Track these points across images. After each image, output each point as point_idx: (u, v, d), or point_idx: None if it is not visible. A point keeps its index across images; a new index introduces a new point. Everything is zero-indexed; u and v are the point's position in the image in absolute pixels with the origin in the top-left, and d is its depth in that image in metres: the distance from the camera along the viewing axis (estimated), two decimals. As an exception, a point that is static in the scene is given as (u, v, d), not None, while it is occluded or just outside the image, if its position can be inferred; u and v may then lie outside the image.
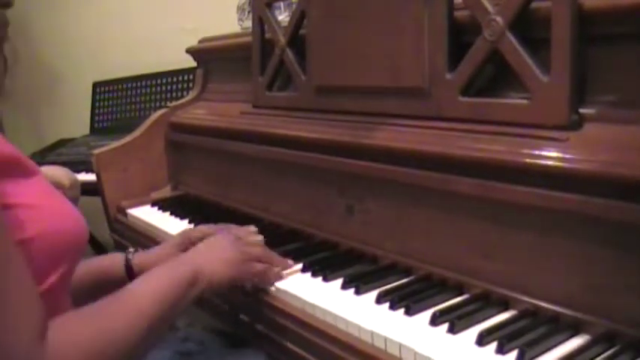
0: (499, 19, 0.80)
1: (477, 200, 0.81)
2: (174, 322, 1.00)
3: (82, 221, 0.75)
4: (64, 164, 1.31)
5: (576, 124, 0.74)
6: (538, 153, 0.74)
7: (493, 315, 0.78)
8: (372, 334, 0.76)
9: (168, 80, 2.21)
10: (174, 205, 1.41)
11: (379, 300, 0.83)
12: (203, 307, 1.05)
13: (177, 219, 1.32)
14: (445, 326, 0.75)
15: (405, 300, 0.82)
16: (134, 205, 1.46)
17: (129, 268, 0.97)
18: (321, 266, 0.96)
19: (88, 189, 1.40)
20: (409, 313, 0.79)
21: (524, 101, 0.80)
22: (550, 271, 0.76)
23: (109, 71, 2.43)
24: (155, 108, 1.97)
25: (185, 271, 0.81)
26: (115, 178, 1.49)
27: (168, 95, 2.19)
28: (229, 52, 1.48)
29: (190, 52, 1.60)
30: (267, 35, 1.26)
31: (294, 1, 1.29)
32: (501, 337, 0.70)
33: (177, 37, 1.88)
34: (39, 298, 0.62)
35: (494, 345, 0.69)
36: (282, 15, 1.34)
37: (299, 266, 0.98)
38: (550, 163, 0.72)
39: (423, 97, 0.92)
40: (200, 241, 0.94)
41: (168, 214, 1.37)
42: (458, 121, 0.87)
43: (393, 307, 0.81)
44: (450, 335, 0.74)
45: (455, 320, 0.75)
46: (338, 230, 1.06)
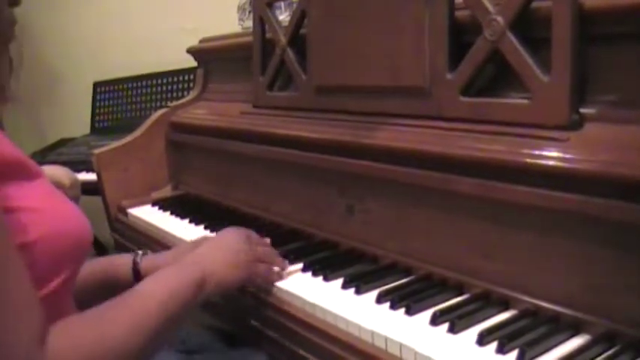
0: (500, 18, 0.80)
1: (478, 200, 0.81)
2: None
3: (86, 224, 0.74)
4: (64, 164, 1.31)
5: (577, 124, 0.74)
6: (538, 153, 0.74)
7: (493, 315, 0.78)
8: (372, 333, 0.76)
9: (168, 80, 2.22)
10: (174, 205, 1.41)
11: (379, 300, 0.84)
12: (203, 307, 1.05)
13: (178, 219, 1.32)
14: (445, 326, 0.75)
15: (406, 300, 0.82)
16: (135, 205, 1.46)
17: (136, 271, 0.95)
18: (322, 266, 0.96)
19: (88, 189, 1.40)
20: (409, 312, 0.79)
21: (524, 101, 0.80)
22: (550, 271, 0.76)
23: (109, 71, 2.43)
24: (156, 108, 1.97)
25: (194, 275, 0.80)
26: (116, 177, 1.49)
27: (168, 95, 2.20)
28: (230, 52, 1.48)
29: (191, 51, 1.60)
30: (268, 35, 1.26)
31: (294, 1, 1.29)
32: (502, 337, 0.70)
33: (177, 36, 1.88)
34: (38, 302, 0.61)
35: (494, 345, 0.69)
36: (283, 15, 1.34)
37: (299, 266, 0.98)
38: (550, 163, 0.72)
39: (423, 96, 0.92)
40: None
41: (168, 213, 1.37)
42: (458, 121, 0.87)
43: (393, 306, 0.81)
44: (451, 335, 0.74)
45: (455, 320, 0.75)
46: (338, 230, 1.06)
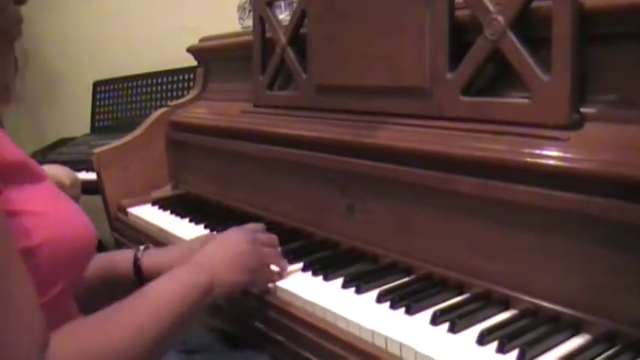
0: (500, 18, 0.80)
1: (478, 200, 0.81)
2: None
3: (90, 227, 0.73)
4: (64, 163, 1.31)
5: (577, 123, 0.74)
6: (539, 152, 0.74)
7: (494, 314, 0.78)
8: (372, 333, 0.76)
9: (168, 79, 2.21)
10: (174, 204, 1.41)
11: (380, 299, 0.83)
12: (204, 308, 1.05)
13: (178, 218, 1.32)
14: (446, 325, 0.75)
15: (406, 299, 0.82)
16: (135, 204, 1.46)
17: (137, 266, 0.95)
18: (322, 265, 0.96)
19: (88, 188, 1.40)
20: (410, 312, 0.79)
21: (525, 100, 0.80)
22: (551, 271, 0.76)
23: (109, 70, 2.43)
24: (156, 107, 1.98)
25: (202, 279, 0.79)
26: (116, 177, 1.49)
27: (168, 94, 2.19)
28: (230, 51, 1.48)
29: (191, 51, 1.60)
30: (268, 34, 1.26)
31: (294, 1, 1.29)
32: (502, 337, 0.70)
33: (177, 36, 1.88)
34: (39, 307, 0.60)
35: (494, 344, 0.69)
36: (283, 14, 1.34)
37: (299, 265, 0.98)
38: (551, 162, 0.72)
39: (424, 96, 0.92)
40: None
41: (168, 213, 1.37)
42: (459, 121, 0.87)
43: (393, 306, 0.81)
44: (451, 334, 0.74)
45: (455, 319, 0.75)
46: (339, 229, 1.06)
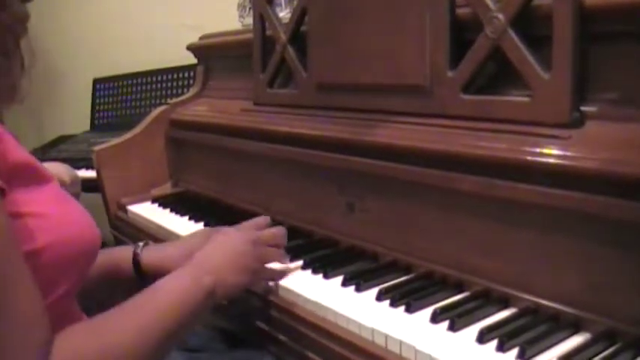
0: (501, 16, 0.80)
1: (478, 198, 0.81)
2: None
3: (94, 228, 0.73)
4: (64, 161, 1.31)
5: (578, 121, 0.74)
6: (539, 151, 0.74)
7: (494, 313, 0.78)
8: (372, 331, 0.76)
9: (168, 77, 2.21)
10: (174, 202, 1.41)
11: (380, 297, 0.83)
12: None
13: (178, 216, 1.32)
14: (446, 324, 0.75)
15: (406, 297, 0.82)
16: (134, 202, 1.46)
17: (137, 263, 0.95)
18: (322, 263, 0.96)
19: (88, 185, 1.40)
20: (410, 310, 0.79)
21: (525, 99, 0.80)
22: (550, 269, 0.76)
23: (109, 68, 2.43)
24: (155, 105, 1.97)
25: (205, 284, 0.78)
26: (116, 174, 1.49)
27: (168, 92, 2.19)
28: (230, 49, 1.47)
29: (191, 49, 1.60)
30: (268, 32, 1.26)
31: (295, -2, 1.29)
32: (502, 335, 0.70)
33: (177, 33, 1.88)
34: (45, 311, 0.60)
35: (494, 343, 0.69)
36: (283, 12, 1.34)
37: (299, 263, 0.98)
38: (551, 160, 0.72)
39: (424, 94, 0.92)
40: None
41: (168, 210, 1.37)
42: (459, 119, 0.87)
43: (393, 304, 0.81)
44: (451, 333, 0.74)
45: (455, 318, 0.75)
46: (339, 228, 1.06)
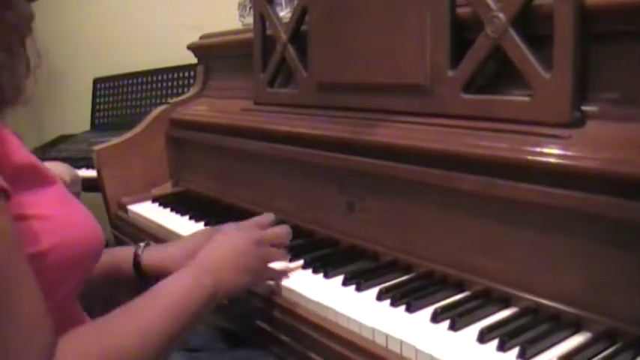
0: (501, 15, 0.80)
1: (479, 197, 0.81)
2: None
3: (97, 229, 0.73)
4: (64, 160, 1.31)
5: (578, 121, 0.74)
6: (540, 150, 0.74)
7: (494, 312, 0.78)
8: (373, 330, 0.76)
9: (169, 77, 2.21)
10: (174, 202, 1.41)
11: (380, 297, 0.83)
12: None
13: (178, 215, 1.32)
14: (446, 323, 0.75)
15: (407, 297, 0.82)
16: (135, 202, 1.46)
17: (137, 263, 0.95)
18: (322, 263, 0.95)
19: (88, 185, 1.40)
20: (410, 310, 0.79)
21: (526, 98, 0.79)
22: (551, 269, 0.76)
23: (109, 67, 2.43)
24: (156, 104, 1.97)
25: (207, 287, 0.77)
26: (116, 174, 1.49)
27: (169, 92, 2.19)
28: (230, 48, 1.47)
29: (191, 48, 1.60)
30: (269, 32, 1.26)
31: (295, -2, 1.29)
32: (502, 335, 0.70)
33: (178, 33, 1.88)
34: (48, 314, 0.60)
35: (495, 342, 0.69)
36: (284, 11, 1.34)
37: (300, 263, 0.98)
38: (552, 160, 0.72)
39: (425, 94, 0.92)
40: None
41: (168, 210, 1.37)
42: (460, 118, 0.87)
43: (394, 303, 0.81)
44: (451, 332, 0.74)
45: (456, 317, 0.75)
46: (339, 227, 1.06)
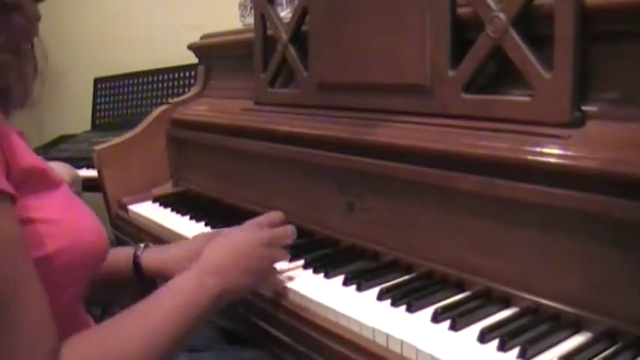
0: (502, 15, 0.80)
1: (479, 197, 0.81)
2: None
3: (102, 231, 0.73)
4: (65, 160, 1.31)
5: (579, 121, 0.74)
6: (540, 150, 0.74)
7: (495, 312, 0.78)
8: (373, 330, 0.76)
9: (169, 77, 2.22)
10: (175, 202, 1.41)
11: (381, 297, 0.83)
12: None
13: (179, 215, 1.32)
14: (447, 323, 0.75)
15: (407, 297, 0.82)
16: (135, 202, 1.46)
17: (137, 265, 0.95)
18: (323, 263, 0.96)
19: (89, 185, 1.40)
20: (411, 310, 0.79)
21: (526, 98, 0.80)
22: (551, 269, 0.76)
23: (110, 67, 2.43)
24: (156, 104, 1.97)
25: (213, 289, 0.77)
26: (116, 174, 1.49)
27: (169, 92, 2.20)
28: (231, 48, 1.47)
29: (192, 48, 1.60)
30: (269, 32, 1.26)
31: (296, -2, 1.29)
32: (503, 335, 0.70)
33: (178, 33, 1.88)
34: (52, 319, 0.60)
35: (495, 342, 0.69)
36: (284, 11, 1.34)
37: (300, 263, 0.98)
38: (552, 160, 0.72)
39: (425, 94, 0.92)
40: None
41: (169, 210, 1.37)
42: (460, 118, 0.87)
43: (394, 303, 0.81)
44: (452, 332, 0.74)
45: (456, 317, 0.75)
46: (339, 227, 1.06)
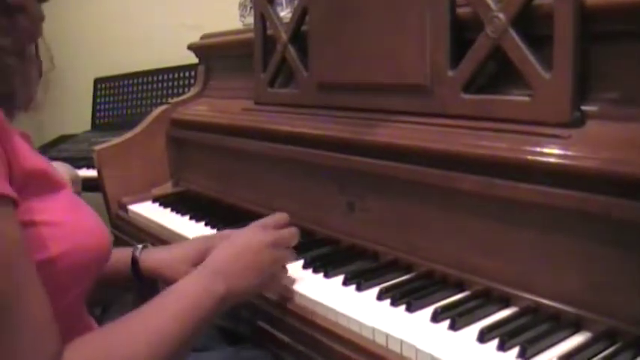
0: (501, 15, 0.80)
1: (479, 197, 0.81)
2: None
3: (105, 234, 0.73)
4: (65, 160, 1.31)
5: (578, 121, 0.74)
6: (540, 150, 0.74)
7: (494, 312, 0.78)
8: (373, 330, 0.76)
9: (169, 77, 2.22)
10: (175, 202, 1.41)
11: (380, 296, 0.83)
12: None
13: (179, 215, 1.32)
14: (446, 323, 0.75)
15: (407, 297, 0.82)
16: (135, 201, 1.46)
17: (135, 266, 0.95)
18: (323, 263, 0.96)
19: (89, 185, 1.40)
20: (410, 309, 0.79)
21: (526, 98, 0.80)
22: (551, 269, 0.76)
23: (110, 67, 2.43)
24: (156, 104, 1.97)
25: (217, 291, 0.76)
26: (116, 174, 1.49)
27: (169, 92, 2.19)
28: (231, 48, 1.47)
29: (192, 48, 1.60)
30: (269, 32, 1.26)
31: (295, -2, 1.29)
32: (503, 334, 0.70)
33: (178, 33, 1.88)
34: (54, 322, 0.60)
35: (495, 342, 0.69)
36: (284, 11, 1.34)
37: (300, 262, 0.98)
38: (552, 160, 0.72)
39: (425, 94, 0.92)
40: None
41: (169, 210, 1.37)
42: (460, 118, 0.87)
43: (394, 303, 0.81)
44: (452, 332, 0.74)
45: (456, 317, 0.75)
46: (339, 227, 1.06)
